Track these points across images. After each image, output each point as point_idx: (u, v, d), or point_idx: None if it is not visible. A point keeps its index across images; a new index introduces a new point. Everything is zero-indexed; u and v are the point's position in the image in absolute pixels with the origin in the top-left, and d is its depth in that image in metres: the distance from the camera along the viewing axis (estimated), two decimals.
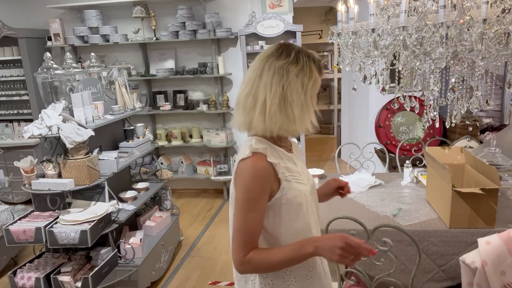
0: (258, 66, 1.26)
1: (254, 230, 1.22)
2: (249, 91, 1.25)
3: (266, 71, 1.23)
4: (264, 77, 1.23)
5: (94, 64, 3.24)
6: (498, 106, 4.15)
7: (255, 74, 1.25)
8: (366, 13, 1.77)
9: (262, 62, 1.25)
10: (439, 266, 1.95)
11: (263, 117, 1.22)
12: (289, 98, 1.21)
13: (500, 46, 1.54)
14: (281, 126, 1.21)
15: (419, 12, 1.69)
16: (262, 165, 1.21)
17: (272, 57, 1.24)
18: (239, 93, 1.29)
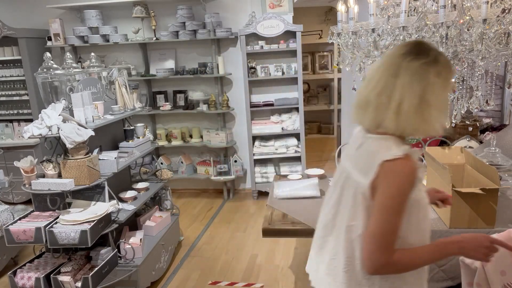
0: (391, 64, 1.22)
1: (397, 232, 1.19)
2: (382, 90, 1.22)
3: (404, 70, 1.19)
4: (401, 77, 1.19)
5: (94, 64, 3.24)
6: (498, 106, 4.15)
7: (388, 73, 1.22)
8: (366, 13, 1.77)
9: (397, 60, 1.22)
10: (439, 266, 1.95)
11: (397, 116, 1.19)
12: (427, 99, 1.18)
13: (500, 46, 1.54)
14: (415, 127, 1.20)
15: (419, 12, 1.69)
16: (415, 166, 1.18)
17: (409, 55, 1.20)
18: (368, 91, 1.27)
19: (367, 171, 1.21)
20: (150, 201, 3.56)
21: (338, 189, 1.33)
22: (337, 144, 6.63)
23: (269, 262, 3.42)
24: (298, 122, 4.70)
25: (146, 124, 4.53)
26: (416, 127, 1.20)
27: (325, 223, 1.39)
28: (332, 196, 1.37)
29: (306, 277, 1.58)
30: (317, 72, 7.70)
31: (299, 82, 4.59)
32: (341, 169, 1.38)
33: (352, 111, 1.32)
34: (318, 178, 2.73)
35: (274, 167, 4.87)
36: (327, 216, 1.37)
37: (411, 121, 1.19)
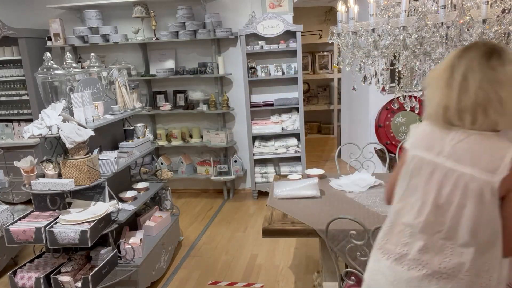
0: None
1: None
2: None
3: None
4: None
5: (94, 64, 3.24)
6: None
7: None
8: (366, 13, 1.77)
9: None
10: None
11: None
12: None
13: None
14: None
15: (419, 12, 1.69)
16: None
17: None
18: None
19: (495, 167, 1.19)
20: (150, 201, 3.56)
21: (436, 191, 1.27)
22: (337, 144, 6.64)
23: (269, 262, 3.42)
24: (298, 122, 4.70)
25: (146, 124, 4.53)
26: None
27: (428, 239, 1.29)
28: (426, 203, 1.29)
29: (306, 277, 1.57)
30: (317, 72, 7.71)
31: (299, 82, 4.59)
32: (423, 165, 1.30)
33: (446, 115, 1.28)
34: (318, 178, 2.73)
35: (274, 167, 4.87)
36: (427, 230, 1.28)
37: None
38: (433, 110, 1.32)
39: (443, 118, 1.29)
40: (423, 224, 1.29)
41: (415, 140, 1.37)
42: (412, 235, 1.32)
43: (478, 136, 1.25)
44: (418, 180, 1.32)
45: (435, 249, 1.28)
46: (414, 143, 1.37)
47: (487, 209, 1.21)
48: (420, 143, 1.34)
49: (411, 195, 1.34)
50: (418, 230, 1.30)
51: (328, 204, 2.38)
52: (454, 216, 1.25)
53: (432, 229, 1.28)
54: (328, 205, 2.36)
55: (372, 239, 1.68)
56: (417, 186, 1.32)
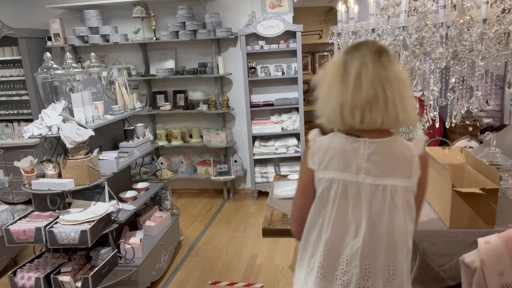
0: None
1: None
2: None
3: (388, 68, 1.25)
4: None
5: (94, 64, 3.24)
6: (498, 106, 4.14)
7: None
8: (366, 13, 1.77)
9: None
10: (439, 266, 1.94)
11: (396, 113, 1.25)
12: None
13: (500, 46, 1.54)
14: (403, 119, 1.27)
15: (419, 12, 1.69)
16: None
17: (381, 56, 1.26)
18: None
19: (410, 173, 1.25)
20: (150, 201, 3.56)
21: (368, 211, 1.24)
22: None
23: (269, 262, 3.42)
24: (298, 122, 4.70)
25: (146, 124, 4.53)
26: (415, 117, 1.27)
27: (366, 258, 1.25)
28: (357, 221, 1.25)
29: None
30: (317, 72, 7.70)
31: (299, 82, 4.59)
32: (347, 188, 1.26)
33: (342, 114, 1.24)
34: None
35: (274, 167, 4.87)
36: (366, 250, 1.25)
37: (414, 113, 1.26)
38: (331, 110, 1.27)
39: (340, 117, 1.25)
40: (361, 249, 1.24)
41: (323, 159, 1.27)
42: (350, 262, 1.25)
43: (384, 146, 1.25)
44: (344, 203, 1.26)
45: (377, 271, 1.25)
46: (325, 165, 1.27)
47: (412, 212, 1.27)
48: (332, 163, 1.27)
49: (341, 221, 1.27)
50: (359, 256, 1.24)
51: None
52: (389, 232, 1.24)
53: (371, 252, 1.25)
54: None
55: None
56: (345, 211, 1.26)
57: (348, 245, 1.26)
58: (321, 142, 1.30)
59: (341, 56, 1.28)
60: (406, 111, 1.22)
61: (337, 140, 1.28)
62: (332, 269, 1.27)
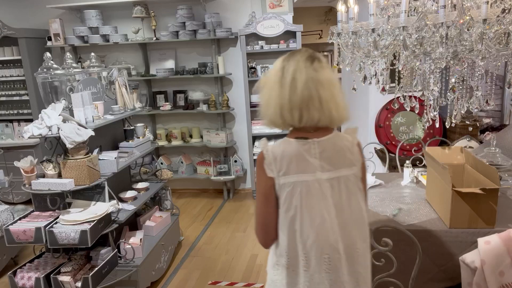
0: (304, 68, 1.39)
1: None
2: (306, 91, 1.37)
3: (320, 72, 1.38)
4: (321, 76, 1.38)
5: (94, 64, 3.24)
6: (498, 106, 4.15)
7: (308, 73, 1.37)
8: (366, 13, 1.77)
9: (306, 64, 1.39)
10: (439, 266, 1.95)
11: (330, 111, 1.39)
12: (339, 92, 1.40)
13: (500, 46, 1.54)
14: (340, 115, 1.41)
15: (419, 12, 1.69)
16: None
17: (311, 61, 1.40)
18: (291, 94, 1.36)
19: (354, 161, 1.41)
20: (150, 201, 3.56)
21: (334, 202, 1.37)
22: None
23: None
24: None
25: (146, 124, 4.53)
26: (347, 116, 1.42)
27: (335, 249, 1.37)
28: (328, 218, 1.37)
29: None
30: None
31: None
32: (310, 187, 1.37)
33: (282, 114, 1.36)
34: None
35: None
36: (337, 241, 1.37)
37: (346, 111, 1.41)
38: (272, 111, 1.38)
39: (280, 117, 1.37)
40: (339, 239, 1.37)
41: (281, 167, 1.37)
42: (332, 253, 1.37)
43: (330, 143, 1.39)
44: (310, 202, 1.37)
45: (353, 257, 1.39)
46: (285, 171, 1.37)
47: (362, 195, 1.45)
48: (291, 168, 1.37)
49: (312, 218, 1.36)
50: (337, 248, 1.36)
51: None
52: (351, 216, 1.39)
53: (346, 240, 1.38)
54: None
55: (372, 239, 1.68)
56: (312, 208, 1.36)
57: (327, 238, 1.37)
58: (274, 151, 1.39)
59: (279, 63, 1.42)
60: (338, 110, 1.36)
61: (289, 146, 1.39)
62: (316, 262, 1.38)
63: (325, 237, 1.36)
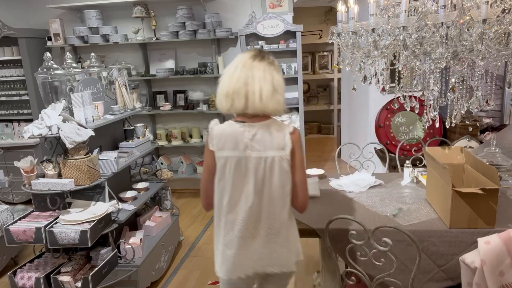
0: (245, 64, 1.69)
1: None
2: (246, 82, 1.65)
3: (256, 67, 1.66)
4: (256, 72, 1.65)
5: (94, 64, 3.24)
6: (498, 106, 4.15)
7: (246, 69, 1.67)
8: (366, 13, 1.77)
9: (248, 61, 1.69)
10: (439, 266, 1.95)
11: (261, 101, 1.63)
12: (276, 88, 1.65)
13: (500, 46, 1.54)
14: (274, 107, 1.66)
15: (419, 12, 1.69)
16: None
17: (256, 58, 1.69)
18: (233, 83, 1.66)
19: (284, 145, 1.64)
20: (150, 201, 3.56)
21: (254, 177, 1.64)
22: (337, 144, 6.64)
23: None
24: (298, 122, 4.70)
25: (146, 124, 4.53)
26: (282, 109, 1.66)
27: (254, 214, 1.67)
28: (250, 188, 1.65)
29: (306, 277, 1.58)
30: (317, 72, 7.70)
31: (299, 82, 4.59)
32: (240, 162, 1.65)
33: (232, 100, 1.63)
34: (318, 178, 2.73)
35: None
36: (255, 206, 1.66)
37: (275, 104, 1.63)
38: (218, 97, 1.70)
39: (220, 103, 1.68)
40: (251, 207, 1.65)
41: (219, 142, 1.68)
42: (244, 218, 1.66)
43: (263, 127, 1.65)
44: (238, 174, 1.65)
45: (263, 222, 1.68)
46: (221, 146, 1.67)
47: (287, 176, 1.66)
48: (226, 144, 1.66)
49: (236, 187, 1.66)
50: (250, 213, 1.66)
51: (328, 204, 2.38)
52: (271, 191, 1.65)
53: (258, 208, 1.66)
54: (328, 205, 2.36)
55: (372, 239, 1.68)
56: (238, 179, 1.66)
57: (242, 205, 1.66)
58: (217, 129, 1.71)
59: (235, 60, 1.72)
60: (262, 101, 1.60)
61: (229, 127, 1.69)
62: (232, 224, 1.68)
63: (246, 208, 1.65)
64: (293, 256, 1.77)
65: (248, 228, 1.67)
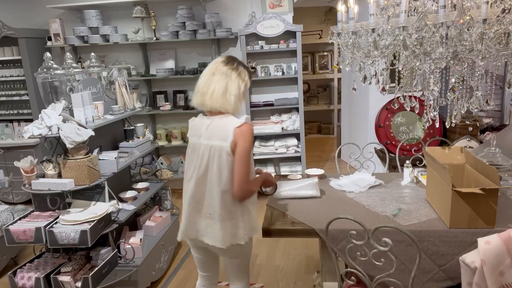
0: (212, 68, 1.99)
1: (250, 170, 1.96)
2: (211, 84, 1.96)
3: (218, 71, 1.95)
4: (216, 75, 1.94)
5: (94, 64, 3.24)
6: (498, 106, 4.15)
7: (210, 73, 1.98)
8: (366, 13, 1.77)
9: (215, 65, 1.99)
10: (439, 266, 1.95)
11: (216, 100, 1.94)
12: (229, 90, 1.93)
13: (500, 46, 1.54)
14: (229, 107, 1.95)
15: (419, 12, 1.69)
16: (252, 128, 1.95)
17: (222, 63, 1.97)
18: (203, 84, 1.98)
19: (226, 137, 1.88)
20: (150, 201, 3.56)
21: (201, 160, 1.95)
22: (337, 144, 6.64)
23: (269, 262, 3.42)
24: (298, 122, 4.70)
25: (146, 124, 4.54)
26: (230, 107, 1.93)
27: (198, 190, 2.00)
28: (197, 169, 1.98)
29: (306, 277, 1.57)
30: (317, 72, 7.70)
31: (299, 82, 4.59)
32: (195, 147, 1.99)
33: (196, 97, 1.97)
34: (318, 178, 2.73)
35: (274, 167, 4.87)
36: (199, 185, 1.99)
37: (223, 103, 1.92)
38: (194, 94, 1.99)
39: (194, 99, 1.98)
40: (194, 187, 2.01)
41: (191, 131, 2.05)
42: (190, 196, 2.04)
43: (217, 120, 1.94)
44: (193, 157, 2.00)
45: (203, 198, 1.99)
46: (190, 133, 2.04)
47: (225, 164, 1.90)
48: (193, 132, 2.03)
49: (190, 168, 2.03)
50: (193, 192, 2.02)
51: (328, 204, 2.38)
52: (211, 175, 1.94)
53: (199, 187, 1.99)
54: (328, 205, 2.36)
55: (372, 239, 1.68)
56: (192, 162, 2.00)
57: (192, 182, 2.01)
58: (192, 121, 2.07)
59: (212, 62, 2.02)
60: (212, 100, 1.91)
61: (198, 119, 2.04)
62: (185, 195, 2.09)
63: (193, 184, 2.01)
64: (228, 237, 1.96)
65: (193, 202, 2.02)
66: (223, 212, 1.94)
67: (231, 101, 1.92)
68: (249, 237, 2.03)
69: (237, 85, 1.93)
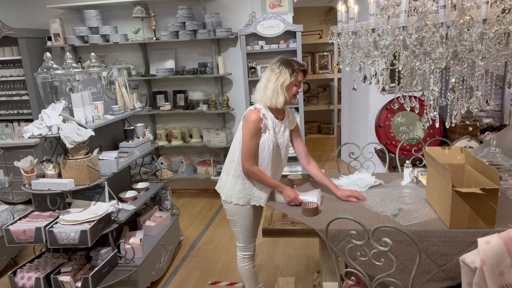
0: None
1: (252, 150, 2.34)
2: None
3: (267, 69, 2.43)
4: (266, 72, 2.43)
5: (94, 64, 3.24)
6: (498, 106, 4.15)
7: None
8: (366, 13, 1.77)
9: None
10: (439, 266, 1.95)
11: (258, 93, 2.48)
12: (268, 84, 2.38)
13: (500, 46, 1.54)
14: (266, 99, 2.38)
15: (419, 12, 1.69)
16: (257, 117, 2.31)
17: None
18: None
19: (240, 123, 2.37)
20: (150, 201, 3.56)
21: (235, 136, 2.43)
22: (337, 144, 6.64)
23: (269, 262, 3.42)
24: (298, 122, 4.69)
25: (146, 124, 4.53)
26: (267, 99, 2.34)
27: (230, 153, 2.47)
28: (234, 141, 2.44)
29: (306, 277, 1.57)
30: (317, 72, 7.70)
31: None
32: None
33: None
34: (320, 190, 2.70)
35: None
36: (232, 149, 2.44)
37: (262, 96, 2.38)
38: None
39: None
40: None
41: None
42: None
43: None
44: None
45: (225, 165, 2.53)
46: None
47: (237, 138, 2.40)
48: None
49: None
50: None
51: (328, 204, 2.38)
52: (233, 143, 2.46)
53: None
54: (328, 205, 2.36)
55: (372, 239, 1.68)
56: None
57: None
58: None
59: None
60: (256, 92, 2.45)
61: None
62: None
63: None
64: (221, 188, 2.50)
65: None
66: (227, 174, 2.45)
67: (267, 95, 2.32)
68: (230, 201, 2.44)
69: (273, 81, 2.31)
